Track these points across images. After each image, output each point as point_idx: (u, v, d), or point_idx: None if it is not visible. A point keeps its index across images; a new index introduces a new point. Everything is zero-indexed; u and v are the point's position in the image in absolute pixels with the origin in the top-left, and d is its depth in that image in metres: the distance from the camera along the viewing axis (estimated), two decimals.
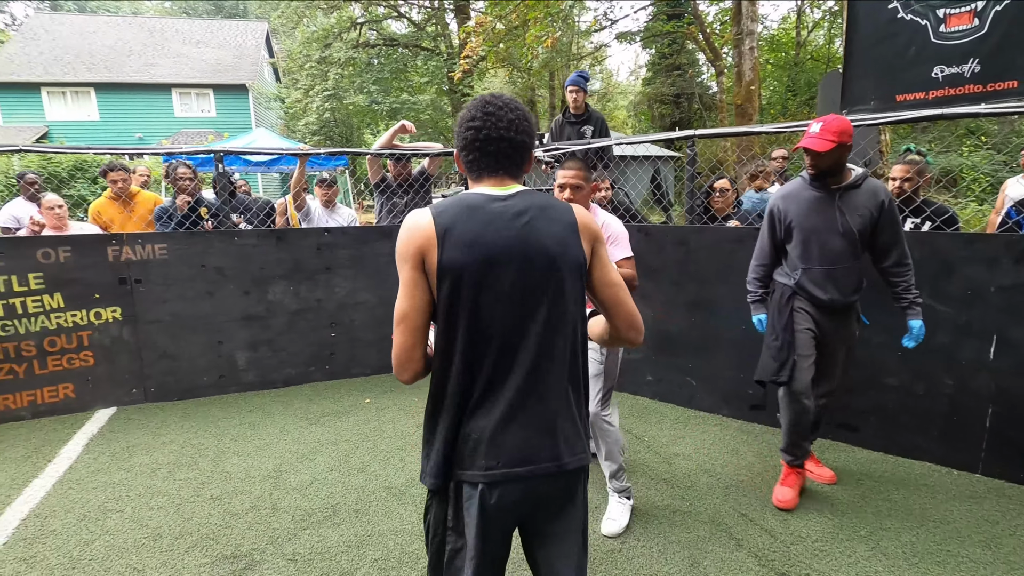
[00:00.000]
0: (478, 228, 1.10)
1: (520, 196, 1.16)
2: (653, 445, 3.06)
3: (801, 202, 2.35)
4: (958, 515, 2.37)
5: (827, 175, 2.26)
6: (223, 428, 3.39)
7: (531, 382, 1.12)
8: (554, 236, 1.13)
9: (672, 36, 17.25)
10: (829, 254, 2.30)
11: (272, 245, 3.90)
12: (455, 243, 1.09)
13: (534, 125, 1.23)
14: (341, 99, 17.31)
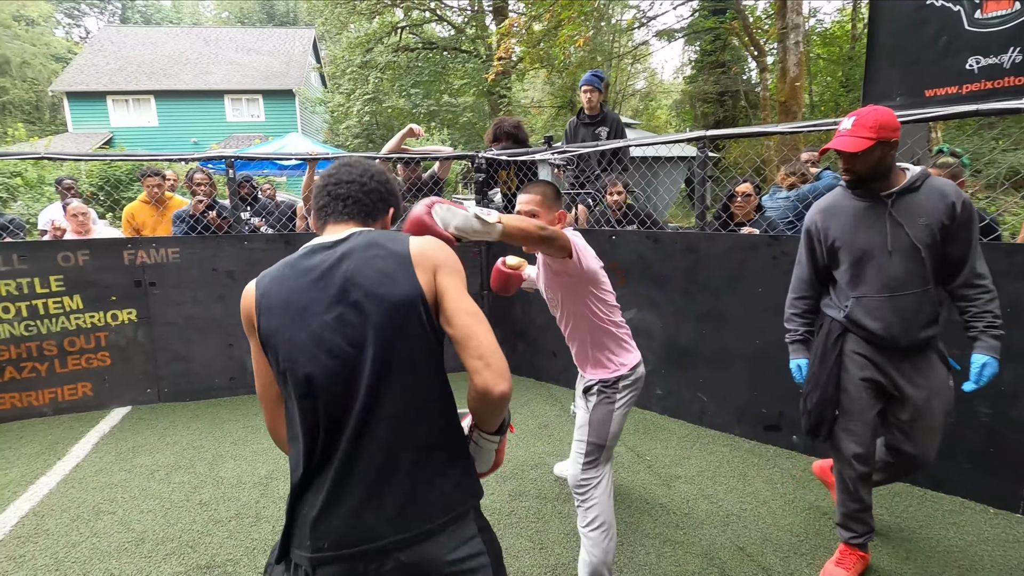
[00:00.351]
0: (288, 285, 1.03)
1: (352, 238, 1.08)
2: (654, 465, 2.89)
3: (845, 215, 1.88)
4: (989, 560, 2.11)
5: (868, 180, 1.81)
6: (226, 431, 3.42)
7: (357, 448, 0.98)
8: (375, 275, 1.01)
9: (715, 32, 16.69)
10: (889, 278, 1.81)
11: (281, 249, 3.93)
12: (268, 308, 1.03)
13: (392, 183, 1.23)
14: (380, 102, 17.58)
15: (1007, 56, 2.19)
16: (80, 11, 40.85)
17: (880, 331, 1.84)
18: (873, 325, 1.85)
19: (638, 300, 3.51)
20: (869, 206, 1.85)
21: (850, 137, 1.77)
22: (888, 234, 1.80)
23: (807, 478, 2.70)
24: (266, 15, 38.89)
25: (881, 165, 1.79)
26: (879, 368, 1.89)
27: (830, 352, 1.94)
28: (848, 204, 1.90)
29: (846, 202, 1.91)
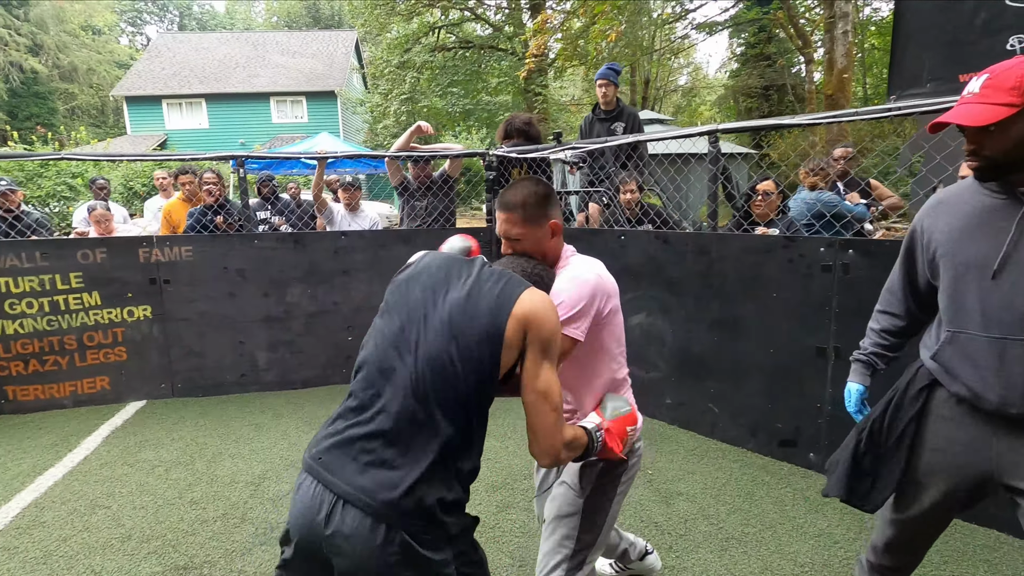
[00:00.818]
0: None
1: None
2: (656, 480, 2.72)
3: (961, 214, 1.32)
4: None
5: (1005, 168, 1.22)
6: (231, 428, 3.45)
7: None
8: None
9: (759, 23, 16.04)
10: (997, 310, 1.24)
11: (290, 248, 3.94)
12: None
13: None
14: (416, 102, 17.74)
15: None
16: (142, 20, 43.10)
17: (978, 388, 1.26)
18: (968, 377, 1.28)
19: (648, 304, 3.33)
20: (999, 205, 1.26)
21: (977, 104, 1.20)
22: (1007, 245, 1.22)
23: (821, 501, 2.48)
24: (312, 18, 39.99)
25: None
26: (974, 447, 1.30)
27: (908, 407, 1.39)
28: (970, 199, 1.31)
29: (968, 196, 1.32)
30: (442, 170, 4.25)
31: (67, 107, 31.43)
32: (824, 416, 2.66)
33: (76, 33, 32.52)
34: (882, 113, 2.29)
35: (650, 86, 27.82)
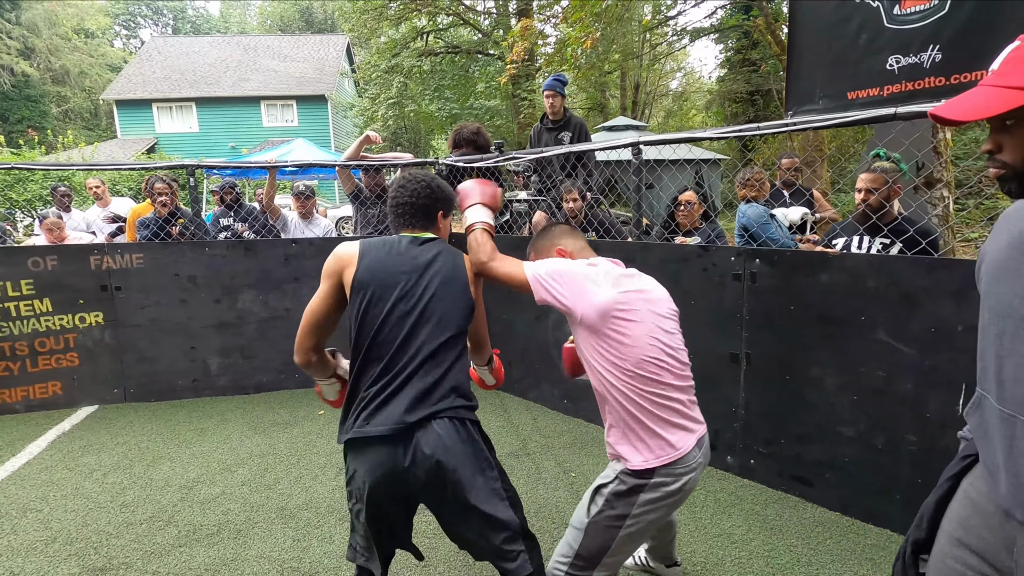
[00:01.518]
0: (384, 256, 1.60)
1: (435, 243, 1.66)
2: (577, 483, 2.80)
3: (1004, 241, 0.96)
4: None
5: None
6: (176, 432, 3.52)
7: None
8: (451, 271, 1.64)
9: (743, 30, 16.18)
10: (1018, 382, 0.90)
11: (241, 255, 4.01)
12: (367, 264, 1.63)
13: (437, 192, 1.70)
14: (403, 106, 17.84)
15: (927, 55, 2.01)
16: (136, 23, 43.15)
17: (990, 471, 0.95)
18: (984, 456, 0.98)
19: None
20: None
21: (990, 92, 0.88)
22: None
23: (730, 502, 2.56)
24: (305, 22, 40.11)
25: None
26: (982, 554, 0.97)
27: (948, 470, 1.11)
28: (1018, 220, 0.95)
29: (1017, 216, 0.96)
30: (395, 177, 4.32)
31: (59, 110, 31.45)
32: (739, 420, 2.74)
33: (68, 36, 32.56)
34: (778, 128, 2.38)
35: (640, 91, 28.01)
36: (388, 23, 18.60)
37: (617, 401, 1.47)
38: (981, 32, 1.90)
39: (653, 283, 1.61)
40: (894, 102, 2.11)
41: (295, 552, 2.30)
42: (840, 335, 2.36)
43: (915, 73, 2.06)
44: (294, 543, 2.36)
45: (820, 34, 2.27)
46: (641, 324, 1.45)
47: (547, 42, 15.11)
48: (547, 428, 3.44)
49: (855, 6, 2.16)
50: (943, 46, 1.98)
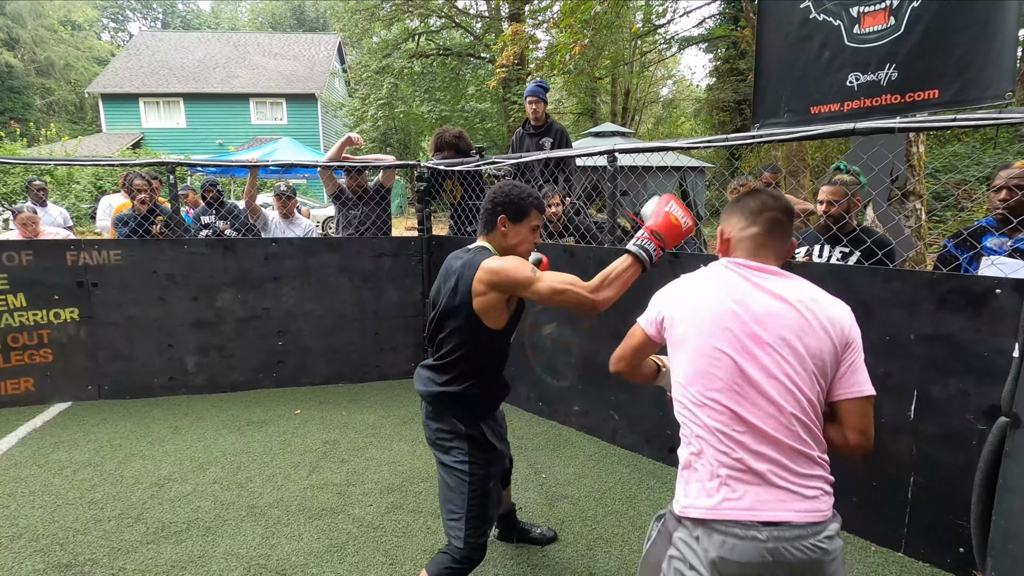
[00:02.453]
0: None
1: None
2: (547, 483, 2.84)
3: None
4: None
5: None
6: (149, 430, 3.51)
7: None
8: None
9: (731, 40, 16.41)
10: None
11: (219, 254, 4.01)
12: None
13: (499, 197, 1.74)
14: (393, 107, 17.83)
15: (884, 73, 2.09)
16: (124, 16, 42.68)
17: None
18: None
19: (557, 315, 3.46)
20: None
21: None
22: None
23: None
24: (296, 20, 39.93)
25: None
26: None
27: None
28: None
29: None
30: (376, 180, 4.35)
31: (43, 102, 31.01)
32: None
33: (54, 27, 32.14)
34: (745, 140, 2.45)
35: (630, 97, 28.23)
36: (380, 24, 18.62)
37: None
38: (934, 52, 1.98)
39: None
40: (854, 117, 2.18)
41: (263, 549, 2.32)
42: None
43: (873, 90, 2.13)
44: (263, 540, 2.38)
45: (785, 51, 2.35)
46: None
47: (538, 47, 15.23)
48: (520, 429, 3.48)
49: (818, 24, 2.24)
50: (899, 65, 2.06)
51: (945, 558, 2.13)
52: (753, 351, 1.16)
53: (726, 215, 1.37)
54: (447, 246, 4.19)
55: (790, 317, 1.16)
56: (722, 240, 1.36)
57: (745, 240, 1.30)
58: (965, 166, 10.25)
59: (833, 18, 2.20)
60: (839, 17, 2.18)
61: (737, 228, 1.32)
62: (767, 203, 1.30)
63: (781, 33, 2.36)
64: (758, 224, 1.29)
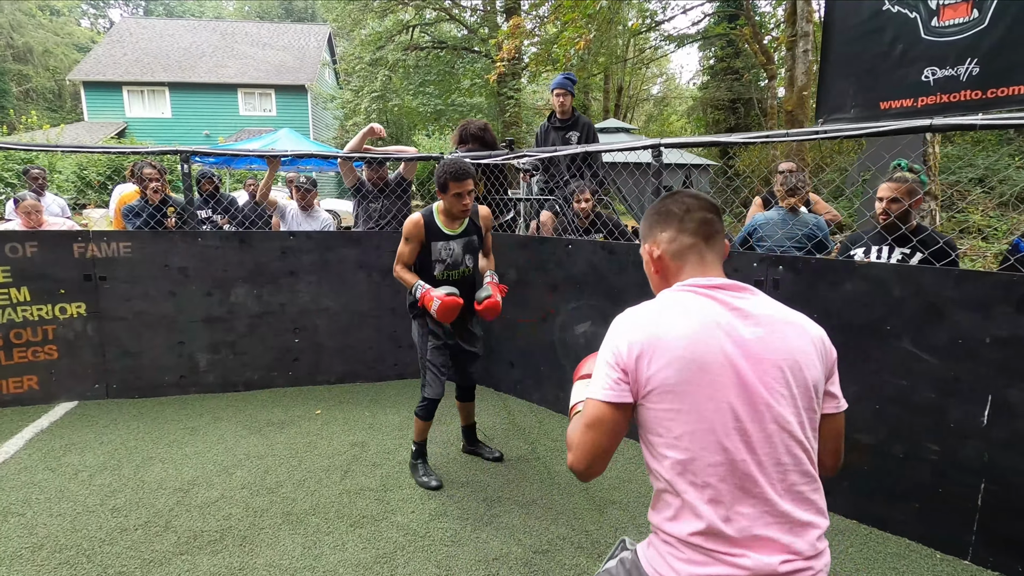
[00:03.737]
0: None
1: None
2: (591, 488, 2.75)
3: None
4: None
5: None
6: (165, 431, 3.35)
7: None
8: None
9: (727, 38, 16.44)
10: None
11: (235, 247, 3.85)
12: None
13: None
14: (387, 100, 17.58)
15: (964, 68, 2.03)
16: (105, 2, 41.56)
17: None
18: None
19: (592, 313, 3.37)
20: None
21: None
22: None
23: None
24: (284, 10, 39.21)
25: None
26: None
27: None
28: None
29: None
30: (397, 172, 4.22)
31: (20, 89, 30.05)
32: None
33: (32, 12, 31.14)
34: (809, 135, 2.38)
35: (623, 94, 28.24)
36: (373, 15, 18.33)
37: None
38: (1018, 46, 1.92)
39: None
40: (928, 113, 2.12)
41: (306, 560, 2.20)
42: (862, 344, 2.37)
43: (951, 85, 2.07)
44: (304, 551, 2.26)
45: (854, 44, 2.27)
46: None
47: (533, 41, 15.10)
48: (554, 431, 3.39)
49: (891, 16, 2.17)
50: (981, 59, 1.99)
51: (1016, 567, 2.09)
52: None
53: (645, 228, 1.17)
54: None
55: (786, 344, 1.01)
56: (652, 261, 1.15)
57: (683, 253, 1.11)
58: (958, 167, 10.39)
59: (909, 10, 2.13)
60: (916, 9, 2.11)
61: (666, 241, 1.13)
62: (691, 204, 1.12)
63: (850, 25, 2.28)
64: (689, 231, 1.11)
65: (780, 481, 0.97)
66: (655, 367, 0.97)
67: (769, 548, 0.95)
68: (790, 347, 1.00)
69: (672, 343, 0.97)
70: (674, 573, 0.99)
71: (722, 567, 0.95)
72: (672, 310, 1.02)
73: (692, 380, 0.96)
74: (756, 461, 0.96)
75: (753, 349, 0.98)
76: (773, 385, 0.98)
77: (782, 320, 1.03)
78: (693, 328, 0.98)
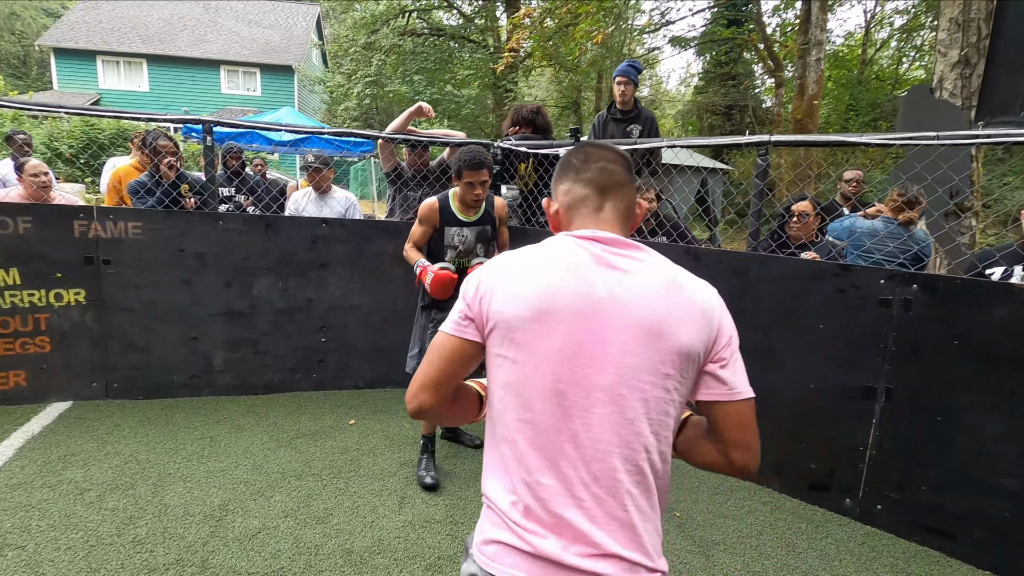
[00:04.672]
0: None
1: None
2: (687, 524, 2.45)
3: None
4: None
5: None
6: (180, 441, 2.91)
7: None
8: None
9: (730, 44, 16.36)
10: None
11: (260, 233, 3.42)
12: None
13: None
14: (382, 86, 16.98)
15: None
16: None
17: None
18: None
19: None
20: None
21: None
22: None
23: (867, 554, 2.28)
24: None
25: None
26: None
27: None
28: None
29: None
30: (440, 158, 3.84)
31: None
32: (867, 461, 2.46)
33: None
34: (967, 139, 2.11)
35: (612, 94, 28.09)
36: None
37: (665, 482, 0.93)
38: None
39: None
40: None
41: None
42: (1010, 376, 2.11)
43: None
44: None
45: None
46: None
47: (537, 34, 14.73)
48: None
49: None
50: None
51: None
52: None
53: (553, 183, 1.04)
54: (518, 237, 3.73)
55: (649, 305, 0.86)
56: (550, 217, 1.03)
57: (576, 206, 0.97)
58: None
59: None
60: None
61: (562, 193, 1.00)
62: (591, 153, 0.99)
63: None
64: (583, 180, 0.97)
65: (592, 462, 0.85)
66: (495, 306, 0.88)
67: (567, 533, 0.84)
68: (655, 313, 0.85)
69: (515, 286, 0.88)
70: (479, 535, 0.92)
71: (513, 538, 0.87)
72: (532, 255, 0.91)
73: (523, 328, 0.86)
74: (569, 432, 0.85)
75: (603, 307, 0.85)
76: (617, 356, 0.84)
77: (660, 284, 0.87)
78: (543, 274, 0.87)
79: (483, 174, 2.46)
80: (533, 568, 0.84)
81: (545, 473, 0.86)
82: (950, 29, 5.64)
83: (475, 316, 0.91)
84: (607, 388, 0.84)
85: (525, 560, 0.85)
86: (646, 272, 0.88)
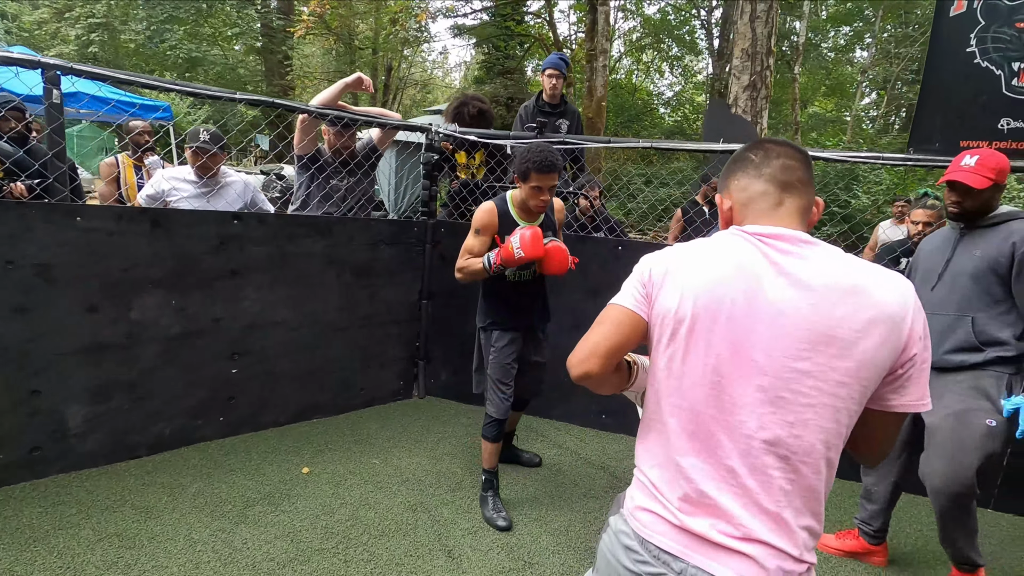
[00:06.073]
0: None
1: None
2: None
3: (936, 238, 2.19)
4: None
5: (973, 215, 1.97)
6: (34, 556, 1.94)
7: None
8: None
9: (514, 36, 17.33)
10: (930, 301, 2.03)
11: (144, 232, 2.44)
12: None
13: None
14: (116, 33, 13.44)
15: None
16: None
17: None
18: None
19: None
20: (951, 234, 2.07)
21: (973, 174, 1.92)
22: (945, 260, 2.03)
23: None
24: None
25: (988, 204, 1.97)
26: None
27: None
28: (945, 229, 2.16)
29: (946, 228, 2.16)
30: (368, 139, 3.25)
31: None
32: None
33: None
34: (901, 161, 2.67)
35: (392, 75, 27.36)
36: None
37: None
38: None
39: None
40: None
41: None
42: None
43: (1020, 135, 2.56)
44: None
45: (946, 89, 2.63)
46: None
47: None
48: (612, 450, 3.10)
49: (980, 71, 2.57)
50: None
51: None
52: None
53: (724, 178, 1.03)
54: (460, 233, 3.42)
55: (821, 311, 0.84)
56: (723, 213, 1.03)
57: (752, 202, 0.97)
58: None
59: (995, 67, 2.55)
60: (1000, 67, 2.54)
61: (737, 190, 0.99)
62: (771, 150, 0.98)
63: (945, 74, 2.63)
64: (764, 176, 0.96)
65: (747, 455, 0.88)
66: (664, 293, 0.91)
67: (717, 514, 0.88)
68: (827, 320, 0.83)
69: (686, 277, 0.90)
70: (630, 501, 0.99)
71: (664, 511, 0.93)
72: (704, 250, 0.93)
73: (688, 319, 0.89)
74: (725, 424, 0.88)
75: (770, 309, 0.85)
76: (782, 360, 0.84)
77: (837, 288, 0.84)
78: (713, 268, 0.89)
79: (553, 178, 2.13)
80: (682, 539, 0.89)
81: (698, 456, 0.90)
82: (742, 58, 7.01)
83: (647, 296, 0.94)
84: (767, 389, 0.85)
85: (674, 531, 0.90)
86: (823, 274, 0.85)
